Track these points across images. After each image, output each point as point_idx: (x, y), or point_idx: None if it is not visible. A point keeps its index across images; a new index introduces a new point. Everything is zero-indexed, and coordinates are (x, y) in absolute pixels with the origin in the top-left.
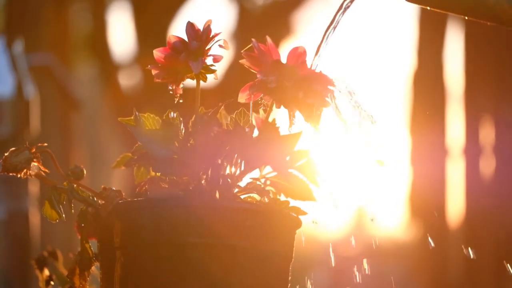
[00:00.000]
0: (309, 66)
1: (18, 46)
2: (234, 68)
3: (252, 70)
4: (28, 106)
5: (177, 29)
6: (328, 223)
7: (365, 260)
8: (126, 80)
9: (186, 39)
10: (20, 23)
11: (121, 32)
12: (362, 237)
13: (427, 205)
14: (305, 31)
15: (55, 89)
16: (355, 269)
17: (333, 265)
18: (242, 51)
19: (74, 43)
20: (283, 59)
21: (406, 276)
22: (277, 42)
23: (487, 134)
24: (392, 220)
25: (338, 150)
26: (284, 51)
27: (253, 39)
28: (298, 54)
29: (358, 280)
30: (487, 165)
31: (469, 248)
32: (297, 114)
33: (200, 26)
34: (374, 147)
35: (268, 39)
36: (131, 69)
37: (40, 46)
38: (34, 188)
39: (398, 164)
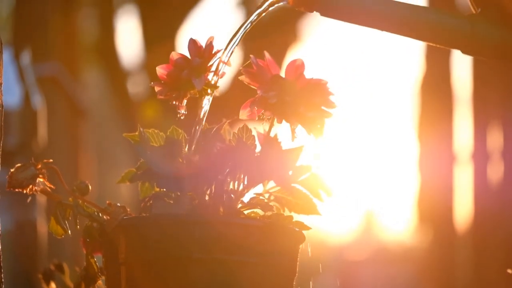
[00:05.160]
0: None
1: (26, 57)
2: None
3: (252, 86)
4: (35, 116)
5: (184, 36)
6: (336, 228)
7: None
8: (134, 87)
9: (189, 56)
10: (27, 33)
11: (128, 40)
12: (371, 242)
13: (435, 210)
14: (312, 37)
15: (62, 99)
16: (363, 273)
17: (341, 270)
18: (241, 67)
19: (81, 52)
20: (282, 74)
21: (414, 281)
22: (284, 48)
23: (495, 139)
24: (400, 225)
25: (343, 158)
26: (286, 61)
27: (251, 55)
28: (296, 67)
29: (366, 285)
30: (495, 170)
31: (477, 253)
32: (300, 127)
33: (203, 41)
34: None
35: (267, 54)
36: (138, 76)
37: (47, 56)
38: (41, 198)
39: (407, 169)
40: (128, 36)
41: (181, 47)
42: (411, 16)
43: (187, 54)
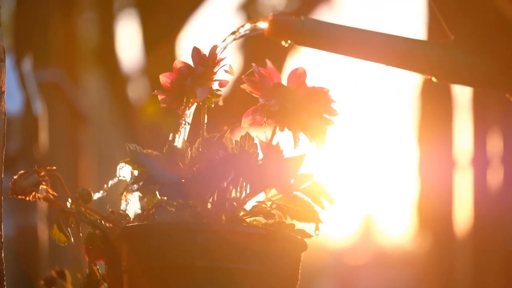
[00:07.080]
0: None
1: (27, 63)
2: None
3: (254, 95)
4: (36, 122)
5: (184, 40)
6: (336, 232)
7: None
8: (135, 92)
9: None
10: (28, 39)
11: (129, 44)
12: (370, 247)
13: (435, 215)
14: None
15: (63, 105)
16: (363, 278)
17: (341, 274)
18: (243, 76)
19: (82, 57)
20: (284, 82)
21: (413, 285)
22: (284, 53)
23: (495, 144)
24: (400, 230)
25: (344, 162)
26: (288, 66)
27: (253, 64)
28: (298, 75)
29: None
30: (495, 176)
31: (477, 258)
32: (302, 135)
33: (203, 46)
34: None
35: (268, 63)
36: (139, 81)
37: (49, 62)
38: (43, 204)
39: (407, 174)
40: (129, 40)
41: (182, 51)
42: (384, 45)
43: (189, 61)
